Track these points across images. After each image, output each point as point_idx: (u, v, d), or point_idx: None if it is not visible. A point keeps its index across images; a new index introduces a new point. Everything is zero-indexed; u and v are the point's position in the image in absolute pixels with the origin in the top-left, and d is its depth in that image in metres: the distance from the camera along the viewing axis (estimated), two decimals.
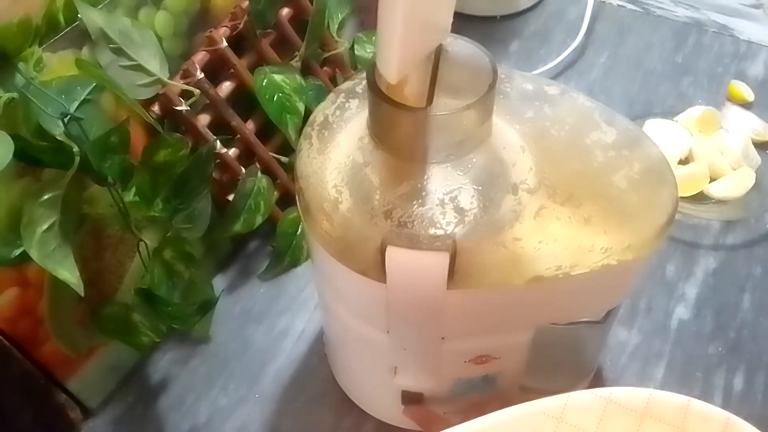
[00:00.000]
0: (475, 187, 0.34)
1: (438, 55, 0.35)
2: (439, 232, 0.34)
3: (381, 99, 0.33)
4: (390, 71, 0.32)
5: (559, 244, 0.34)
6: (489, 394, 0.44)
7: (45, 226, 0.40)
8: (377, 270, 0.35)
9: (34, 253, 0.39)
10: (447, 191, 0.34)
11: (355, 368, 0.48)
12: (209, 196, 0.52)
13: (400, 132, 0.34)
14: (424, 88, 0.33)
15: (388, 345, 0.40)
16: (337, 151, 0.37)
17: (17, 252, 0.40)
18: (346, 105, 0.39)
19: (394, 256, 0.33)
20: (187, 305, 0.50)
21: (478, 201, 0.34)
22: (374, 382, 0.47)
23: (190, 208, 0.49)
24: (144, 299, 0.48)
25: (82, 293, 0.41)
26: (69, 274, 0.41)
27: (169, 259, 0.50)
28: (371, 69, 0.34)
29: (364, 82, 0.38)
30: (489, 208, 0.34)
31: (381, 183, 0.35)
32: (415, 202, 0.34)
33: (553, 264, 0.34)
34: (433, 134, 0.34)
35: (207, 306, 0.51)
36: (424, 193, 0.34)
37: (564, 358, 0.45)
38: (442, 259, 0.33)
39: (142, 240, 0.48)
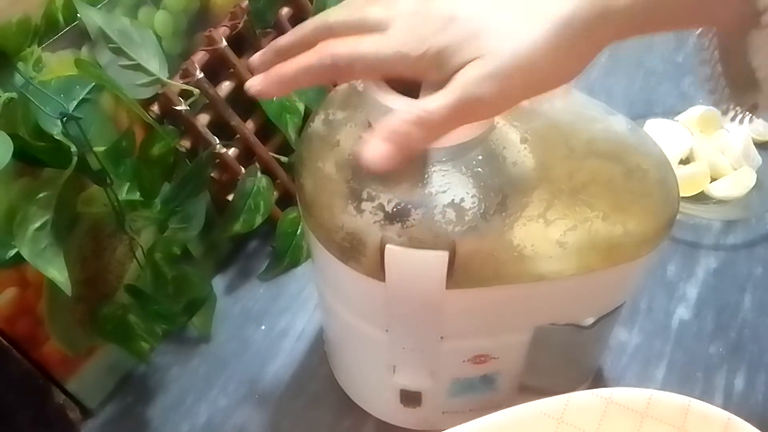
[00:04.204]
0: (476, 186, 0.34)
1: None
2: (439, 231, 0.33)
3: (380, 98, 0.33)
4: None
5: (559, 244, 0.34)
6: (488, 394, 0.44)
7: (37, 225, 0.40)
8: (377, 269, 0.34)
9: (24, 251, 0.39)
10: (447, 191, 0.34)
11: (354, 367, 0.48)
12: (206, 196, 0.52)
13: None
14: None
15: (387, 344, 0.40)
16: (337, 150, 0.37)
17: (12, 252, 0.40)
18: (347, 103, 0.39)
19: (393, 255, 0.33)
20: (174, 304, 0.50)
21: (478, 200, 0.34)
22: (373, 381, 0.47)
23: (185, 210, 0.49)
24: (133, 297, 0.48)
25: (69, 292, 0.41)
26: (57, 273, 0.40)
27: (158, 260, 0.50)
28: None
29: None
30: (489, 208, 0.34)
31: (381, 182, 0.35)
32: (415, 202, 0.34)
33: (554, 264, 0.34)
34: None
35: (195, 305, 0.51)
36: (424, 193, 0.34)
37: (564, 359, 0.45)
38: (441, 259, 0.33)
39: (134, 239, 0.48)
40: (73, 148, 0.41)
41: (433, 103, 0.29)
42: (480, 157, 0.35)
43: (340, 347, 0.48)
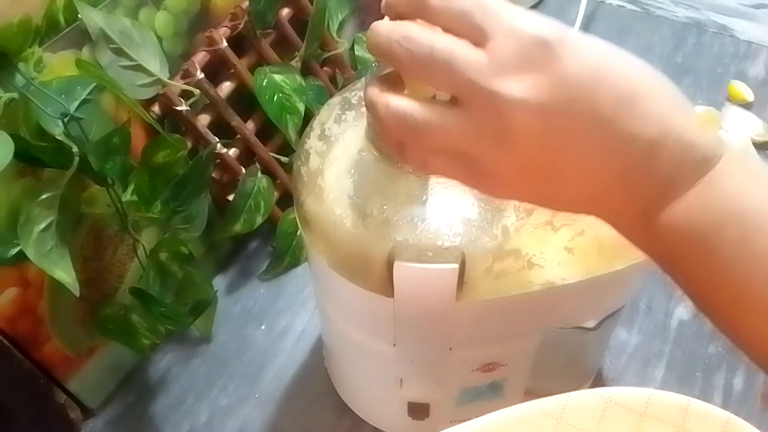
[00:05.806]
0: (480, 197, 0.34)
1: None
2: (447, 244, 0.33)
3: None
4: None
5: (567, 249, 0.34)
6: (495, 400, 0.44)
7: (42, 226, 0.40)
8: (384, 285, 0.34)
9: (30, 253, 0.39)
10: (452, 202, 0.34)
11: (358, 380, 0.48)
12: (207, 197, 0.52)
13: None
14: None
15: (394, 358, 0.40)
16: (336, 165, 0.36)
17: (14, 251, 0.40)
18: (343, 117, 0.39)
19: (403, 271, 0.33)
20: (180, 306, 0.50)
21: (484, 211, 0.34)
22: (378, 394, 0.46)
23: (188, 210, 0.49)
24: (138, 299, 0.48)
25: (77, 293, 0.41)
26: (65, 273, 0.40)
27: (164, 260, 0.50)
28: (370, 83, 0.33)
29: (360, 93, 0.37)
30: (495, 218, 0.34)
31: (384, 196, 0.34)
32: (420, 215, 0.34)
33: (561, 270, 0.34)
34: None
35: (200, 307, 0.51)
36: (429, 206, 0.34)
37: (569, 361, 0.45)
38: (452, 272, 0.33)
39: (138, 240, 0.48)
40: (75, 149, 0.41)
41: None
42: None
43: (343, 362, 0.48)
